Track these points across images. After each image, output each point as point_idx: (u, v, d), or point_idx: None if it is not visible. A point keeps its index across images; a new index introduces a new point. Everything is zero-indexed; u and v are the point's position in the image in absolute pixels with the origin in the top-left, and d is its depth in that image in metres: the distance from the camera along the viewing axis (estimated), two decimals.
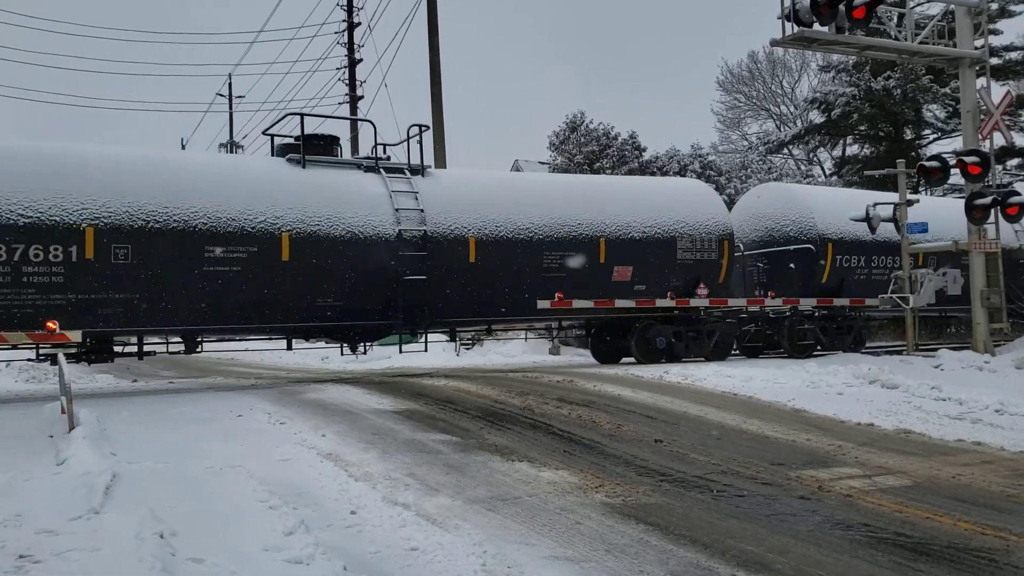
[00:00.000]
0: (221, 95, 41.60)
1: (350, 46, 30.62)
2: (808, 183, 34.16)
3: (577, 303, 15.76)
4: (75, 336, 12.38)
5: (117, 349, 13.97)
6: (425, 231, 14.62)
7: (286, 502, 5.92)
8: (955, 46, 17.26)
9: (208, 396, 12.47)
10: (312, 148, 14.77)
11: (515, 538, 5.54)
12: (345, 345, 15.68)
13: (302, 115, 14.84)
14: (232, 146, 41.69)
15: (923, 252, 18.54)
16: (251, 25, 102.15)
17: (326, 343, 16.15)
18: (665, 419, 9.89)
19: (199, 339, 14.31)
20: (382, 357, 21.61)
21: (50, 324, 12.24)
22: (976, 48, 17.53)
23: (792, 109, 45.95)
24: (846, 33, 15.62)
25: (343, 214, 14.12)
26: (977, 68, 17.55)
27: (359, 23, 30.77)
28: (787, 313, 18.05)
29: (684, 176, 29.54)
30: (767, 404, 10.87)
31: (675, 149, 33.11)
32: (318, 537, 5.17)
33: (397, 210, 14.52)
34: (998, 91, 19.00)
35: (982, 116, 16.86)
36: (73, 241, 12.26)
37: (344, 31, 30.85)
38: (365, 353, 17.40)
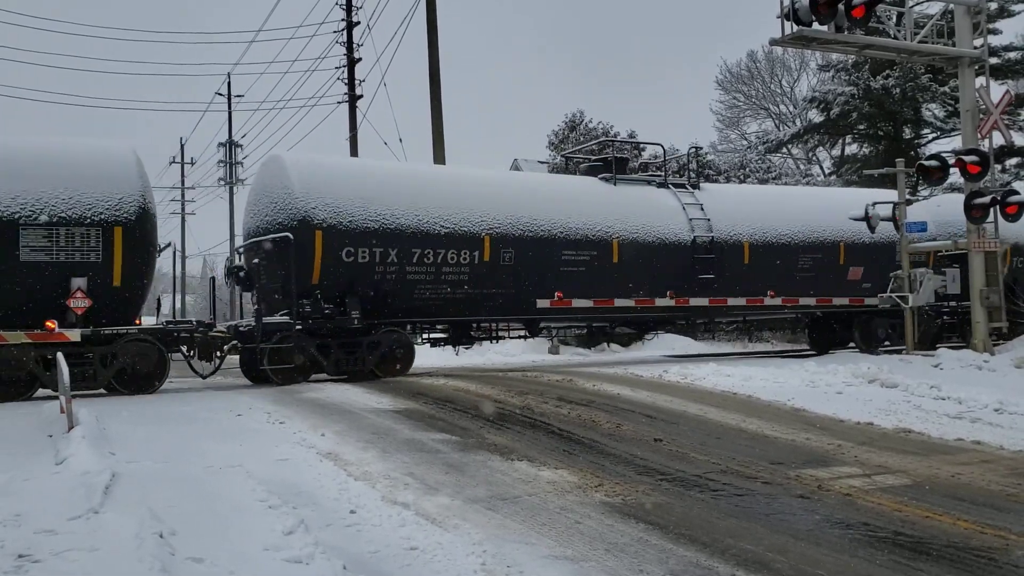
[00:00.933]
0: (220, 94, 41.57)
1: (349, 45, 30.53)
2: (807, 183, 34.13)
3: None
4: (74, 336, 12.40)
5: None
6: (713, 237, 17.39)
7: (285, 502, 5.92)
8: (954, 45, 17.25)
9: (207, 395, 12.48)
10: (609, 167, 18.05)
11: (515, 537, 5.53)
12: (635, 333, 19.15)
13: (612, 142, 18.25)
14: (231, 145, 41.74)
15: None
16: (250, 24, 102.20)
17: (624, 331, 19.37)
18: (664, 418, 9.89)
19: (540, 326, 17.67)
20: None
21: (49, 324, 12.24)
22: (975, 47, 17.50)
23: (791, 108, 45.90)
24: (845, 32, 15.60)
25: (652, 224, 17.03)
26: (976, 67, 17.53)
27: (358, 22, 30.64)
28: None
29: (682, 176, 29.62)
30: (767, 403, 10.87)
31: (674, 148, 33.09)
32: (317, 537, 5.16)
33: (690, 220, 17.34)
34: (997, 90, 19.05)
35: (981, 115, 16.85)
36: (476, 247, 15.24)
37: (343, 30, 30.77)
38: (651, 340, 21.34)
